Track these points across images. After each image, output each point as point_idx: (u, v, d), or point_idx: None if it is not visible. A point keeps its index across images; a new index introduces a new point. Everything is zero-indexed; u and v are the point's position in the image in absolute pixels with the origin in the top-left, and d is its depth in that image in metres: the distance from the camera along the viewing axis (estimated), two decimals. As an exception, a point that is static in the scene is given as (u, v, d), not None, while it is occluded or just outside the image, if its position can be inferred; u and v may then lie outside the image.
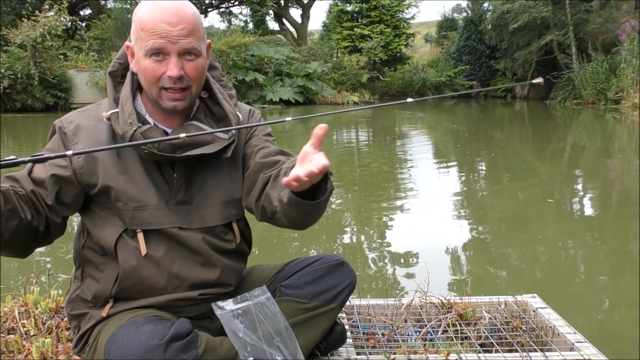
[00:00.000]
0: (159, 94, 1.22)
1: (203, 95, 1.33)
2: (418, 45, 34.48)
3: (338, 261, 1.41)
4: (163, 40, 1.17)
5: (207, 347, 1.17)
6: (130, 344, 1.10)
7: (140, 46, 1.19)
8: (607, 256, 3.63)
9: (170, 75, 1.19)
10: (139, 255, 1.25)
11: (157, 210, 1.25)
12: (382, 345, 1.67)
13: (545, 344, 1.67)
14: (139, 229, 1.25)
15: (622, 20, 17.44)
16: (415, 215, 4.59)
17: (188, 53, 1.20)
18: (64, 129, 1.26)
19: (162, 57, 1.19)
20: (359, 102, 19.43)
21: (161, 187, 1.27)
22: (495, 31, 21.41)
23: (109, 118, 1.24)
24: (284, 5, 25.24)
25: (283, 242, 3.85)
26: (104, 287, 1.28)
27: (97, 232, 1.27)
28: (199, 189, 1.30)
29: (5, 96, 13.77)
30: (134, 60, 1.25)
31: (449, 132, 11.91)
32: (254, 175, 1.31)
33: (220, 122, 1.31)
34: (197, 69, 1.22)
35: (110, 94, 1.28)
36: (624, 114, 13.92)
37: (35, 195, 1.18)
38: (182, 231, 1.27)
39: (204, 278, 1.30)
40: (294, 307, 1.33)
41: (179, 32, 1.17)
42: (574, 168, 7.26)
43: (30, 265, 3.25)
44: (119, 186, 1.24)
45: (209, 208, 1.30)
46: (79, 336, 1.32)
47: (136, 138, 1.19)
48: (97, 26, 17.73)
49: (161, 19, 1.17)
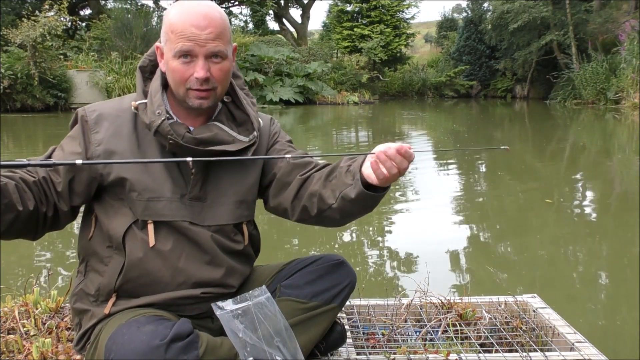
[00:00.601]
0: (186, 93, 1.26)
1: (226, 99, 1.37)
2: (418, 45, 34.50)
3: (338, 261, 1.42)
4: (191, 43, 1.21)
5: (207, 347, 1.17)
6: (131, 344, 1.11)
7: (170, 47, 1.24)
8: (607, 256, 3.63)
9: (197, 77, 1.23)
10: (147, 247, 1.26)
11: (171, 203, 1.28)
12: (382, 345, 1.67)
13: (545, 344, 1.67)
14: (151, 219, 1.26)
15: (622, 20, 17.45)
16: (415, 215, 4.59)
17: (215, 56, 1.24)
18: (86, 117, 1.29)
19: (190, 59, 1.23)
20: (358, 102, 19.43)
21: (177, 181, 1.29)
22: (495, 31, 21.42)
23: (136, 108, 1.28)
24: (284, 5, 25.24)
25: (283, 242, 3.85)
26: (108, 281, 1.29)
27: (108, 221, 1.28)
28: (214, 187, 1.33)
29: (5, 96, 13.76)
30: (162, 61, 1.30)
31: (449, 132, 11.91)
32: (287, 177, 1.37)
33: (241, 126, 1.35)
34: (223, 71, 1.27)
35: (139, 86, 1.32)
36: (624, 114, 13.92)
37: (46, 181, 1.22)
38: (193, 226, 1.29)
39: (208, 276, 1.31)
40: (294, 307, 1.34)
41: (207, 36, 1.22)
42: (574, 168, 7.26)
43: (30, 265, 3.25)
44: (136, 176, 1.26)
45: (221, 206, 1.33)
46: (81, 334, 1.33)
47: (163, 128, 1.23)
48: (97, 26, 17.71)
49: (190, 22, 1.21)
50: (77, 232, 4.01)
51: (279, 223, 4.02)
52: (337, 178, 1.29)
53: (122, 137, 1.28)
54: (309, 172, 1.36)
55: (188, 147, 1.25)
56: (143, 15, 17.29)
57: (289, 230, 4.02)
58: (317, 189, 1.31)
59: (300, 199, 1.35)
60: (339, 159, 1.33)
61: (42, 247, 3.64)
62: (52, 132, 11.04)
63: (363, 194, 1.22)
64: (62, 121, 12.66)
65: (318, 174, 1.34)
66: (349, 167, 1.27)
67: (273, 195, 1.40)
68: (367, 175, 1.22)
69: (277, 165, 1.39)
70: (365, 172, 1.22)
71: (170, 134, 1.23)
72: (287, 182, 1.37)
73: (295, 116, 15.14)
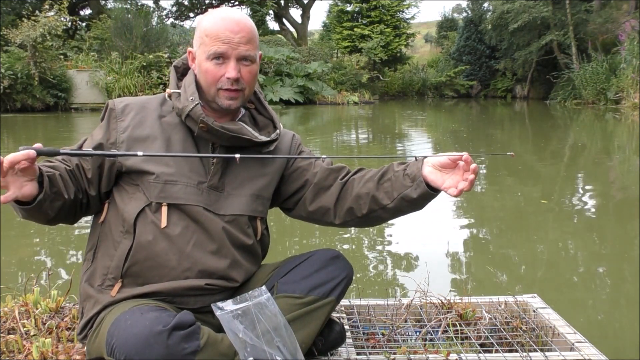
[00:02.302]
0: (217, 93, 1.35)
1: (249, 106, 1.48)
2: (418, 45, 34.51)
3: (333, 254, 1.44)
4: (226, 45, 1.31)
5: (208, 340, 1.19)
6: (133, 329, 1.13)
7: (204, 50, 1.33)
8: (607, 256, 3.63)
9: (228, 76, 1.32)
10: (156, 229, 1.31)
11: (187, 187, 1.33)
12: (382, 345, 1.67)
13: (545, 344, 1.67)
14: (165, 202, 1.31)
15: (622, 20, 17.45)
16: (415, 215, 4.58)
17: (245, 59, 1.34)
18: (114, 106, 1.39)
19: (222, 60, 1.33)
20: (358, 102, 19.44)
21: (197, 169, 1.36)
22: (495, 31, 21.42)
23: (170, 95, 1.39)
24: (284, 5, 25.26)
25: (283, 243, 3.85)
26: (116, 264, 1.32)
27: (123, 205, 1.34)
28: (232, 178, 1.39)
29: (5, 96, 13.76)
30: (194, 64, 1.39)
31: (448, 132, 11.91)
32: (324, 181, 1.48)
33: (262, 130, 1.44)
34: (252, 74, 1.37)
35: (173, 80, 1.43)
36: (624, 114, 13.92)
37: (78, 169, 1.33)
38: (207, 212, 1.34)
39: (214, 266, 1.34)
40: (291, 302, 1.35)
41: (239, 39, 1.32)
42: (574, 168, 7.26)
43: (30, 265, 3.25)
44: (155, 160, 1.33)
45: (238, 197, 1.39)
46: (84, 323, 1.35)
47: (195, 112, 1.31)
48: (97, 26, 17.72)
49: (224, 26, 1.32)
50: (77, 233, 4.02)
51: (278, 222, 4.02)
52: (392, 181, 1.41)
53: (146, 124, 1.36)
54: (348, 176, 1.47)
55: (218, 130, 1.32)
56: (143, 15, 17.29)
57: (289, 231, 4.02)
58: (366, 192, 1.42)
59: (344, 201, 1.45)
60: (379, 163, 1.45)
61: (42, 247, 3.64)
62: (52, 132, 11.05)
63: (426, 194, 1.36)
64: (62, 121, 12.66)
65: (359, 177, 1.46)
66: (405, 171, 1.40)
67: (310, 200, 1.49)
68: (431, 180, 1.35)
69: (311, 172, 1.49)
70: (430, 177, 1.35)
71: (203, 117, 1.31)
72: (326, 186, 1.47)
73: (295, 116, 15.15)
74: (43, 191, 1.20)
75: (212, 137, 1.35)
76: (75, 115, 14.04)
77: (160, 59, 15.72)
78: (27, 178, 1.16)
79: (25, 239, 3.75)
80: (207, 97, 1.37)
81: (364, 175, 1.46)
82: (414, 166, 1.39)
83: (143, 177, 1.32)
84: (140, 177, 1.32)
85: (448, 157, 1.33)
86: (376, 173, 1.45)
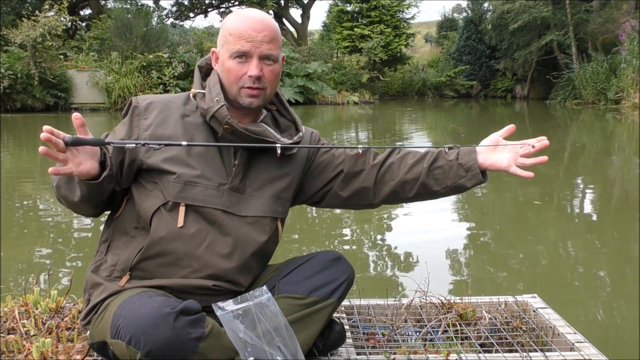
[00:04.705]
0: (238, 92, 1.35)
1: (271, 107, 1.49)
2: (418, 45, 34.49)
3: (334, 256, 1.44)
4: (249, 44, 1.32)
5: (212, 330, 1.20)
6: (141, 310, 1.15)
7: (227, 49, 1.34)
8: (608, 256, 3.63)
9: (250, 74, 1.33)
10: (171, 228, 1.31)
11: (207, 190, 1.33)
12: (382, 345, 1.67)
13: (546, 344, 1.67)
14: (184, 202, 1.32)
15: (622, 20, 17.45)
16: (415, 215, 4.59)
17: (267, 58, 1.35)
18: (137, 104, 1.39)
19: (245, 59, 1.33)
20: (359, 102, 19.43)
21: (218, 170, 1.36)
22: (495, 31, 21.41)
23: (194, 95, 1.39)
24: (284, 5, 25.24)
25: (283, 243, 3.85)
26: (127, 257, 1.33)
27: (140, 202, 1.34)
28: (253, 180, 1.39)
29: (5, 96, 13.76)
30: (217, 64, 1.40)
31: (448, 132, 11.91)
32: (355, 167, 1.48)
33: (284, 132, 1.44)
34: (274, 73, 1.37)
35: (197, 80, 1.43)
36: (624, 114, 13.92)
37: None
38: (226, 215, 1.34)
39: (223, 269, 1.34)
40: (292, 303, 1.35)
41: (262, 38, 1.33)
42: (574, 168, 7.26)
43: (31, 265, 3.25)
44: (176, 159, 1.33)
45: (260, 199, 1.39)
46: (89, 309, 1.35)
47: (221, 113, 1.32)
48: (97, 26, 17.70)
49: (248, 25, 1.33)
50: (77, 234, 4.01)
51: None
52: (443, 169, 1.45)
53: (169, 123, 1.36)
54: (382, 159, 1.49)
55: (242, 132, 1.32)
56: (143, 15, 17.27)
57: (289, 231, 4.02)
58: (414, 177, 1.45)
59: (385, 185, 1.48)
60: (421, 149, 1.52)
61: (42, 247, 3.64)
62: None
63: (479, 183, 1.45)
64: (62, 121, 12.65)
65: (399, 160, 1.48)
66: (459, 161, 1.44)
67: (343, 188, 1.49)
68: (487, 165, 1.45)
69: (335, 163, 1.50)
70: (485, 163, 1.44)
71: (228, 118, 1.31)
72: (357, 172, 1.48)
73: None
74: (108, 168, 1.24)
75: (236, 138, 1.34)
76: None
77: (160, 59, 15.71)
78: (87, 156, 1.20)
79: (25, 239, 3.75)
80: (229, 96, 1.37)
81: (405, 159, 1.48)
82: (467, 156, 1.44)
83: (163, 176, 1.32)
84: (160, 175, 1.33)
85: (498, 136, 1.44)
86: (422, 158, 1.47)
